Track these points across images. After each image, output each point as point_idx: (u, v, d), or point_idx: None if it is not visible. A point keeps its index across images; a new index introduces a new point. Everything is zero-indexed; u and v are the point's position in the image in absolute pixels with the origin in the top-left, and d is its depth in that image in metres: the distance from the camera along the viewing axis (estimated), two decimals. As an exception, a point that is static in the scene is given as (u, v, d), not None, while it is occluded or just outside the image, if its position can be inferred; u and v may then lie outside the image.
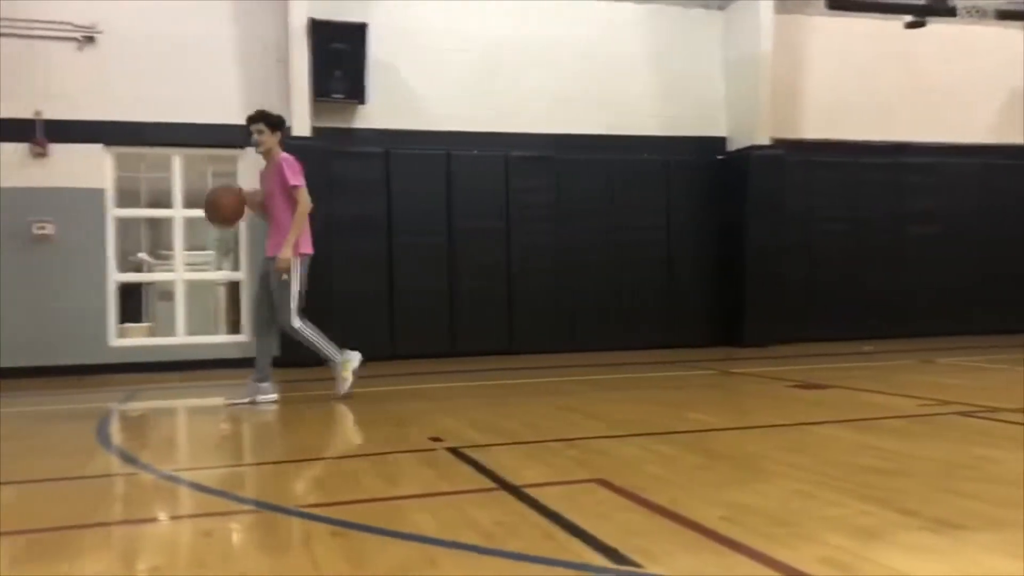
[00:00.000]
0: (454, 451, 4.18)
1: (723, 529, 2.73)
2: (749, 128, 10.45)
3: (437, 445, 4.35)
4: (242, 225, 9.57)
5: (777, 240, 10.45)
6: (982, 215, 11.23)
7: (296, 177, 6.10)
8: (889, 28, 10.28)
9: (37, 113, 8.79)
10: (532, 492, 3.27)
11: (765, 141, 10.39)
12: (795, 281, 10.65)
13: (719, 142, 10.78)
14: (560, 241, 10.09)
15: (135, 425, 5.36)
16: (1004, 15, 9.66)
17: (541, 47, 10.12)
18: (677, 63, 10.58)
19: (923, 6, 9.16)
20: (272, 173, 6.21)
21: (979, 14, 9.55)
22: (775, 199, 10.45)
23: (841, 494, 3.21)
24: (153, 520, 3.25)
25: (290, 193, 6.12)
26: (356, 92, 9.33)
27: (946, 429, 4.75)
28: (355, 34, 9.21)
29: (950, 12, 9.26)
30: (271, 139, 6.22)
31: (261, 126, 6.19)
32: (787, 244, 10.58)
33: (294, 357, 8.70)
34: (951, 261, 11.09)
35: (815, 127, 10.94)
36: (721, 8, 10.73)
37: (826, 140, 10.94)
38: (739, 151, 10.52)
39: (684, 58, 10.62)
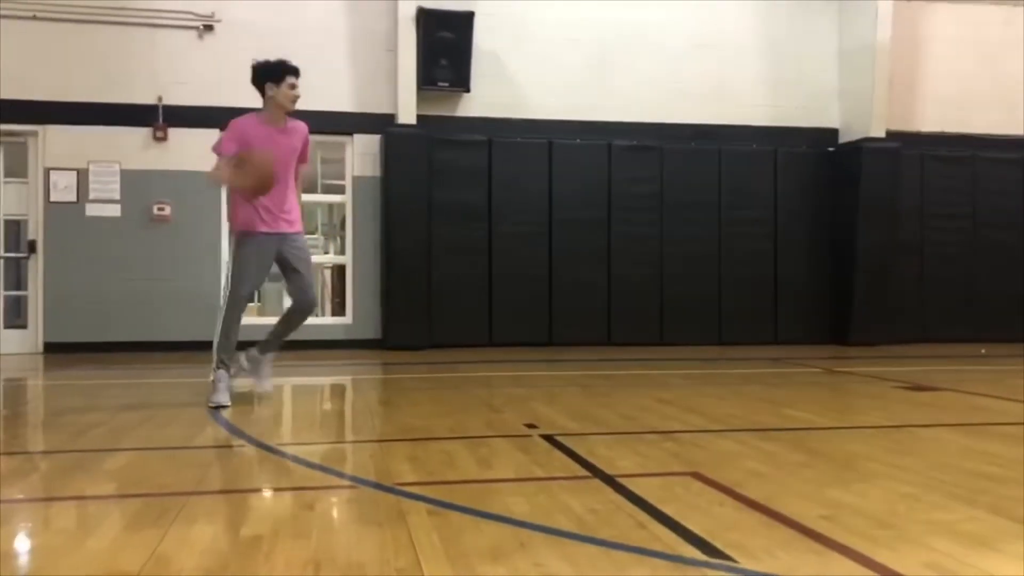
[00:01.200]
0: (549, 438, 4.21)
1: (822, 528, 2.67)
2: (863, 119, 10.09)
3: (532, 432, 4.38)
4: (348, 208, 9.82)
5: (889, 236, 10.08)
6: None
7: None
8: (1017, 15, 9.77)
9: (159, 99, 9.20)
10: (626, 482, 3.26)
11: (880, 133, 10.02)
12: (907, 279, 10.25)
13: (831, 134, 10.45)
14: (664, 232, 9.98)
15: (243, 401, 5.57)
16: None
17: (650, 36, 10.01)
18: (790, 52, 10.30)
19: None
20: (293, 136, 5.42)
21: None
22: (888, 193, 10.07)
23: (948, 498, 3.09)
24: (258, 491, 3.39)
25: (298, 165, 5.49)
26: (461, 81, 9.43)
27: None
28: (462, 23, 9.30)
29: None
30: None
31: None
32: (900, 240, 10.20)
33: (398, 340, 8.91)
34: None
35: (933, 119, 10.49)
36: (836, -3, 10.40)
37: (945, 133, 10.48)
38: (851, 143, 10.18)
39: (797, 47, 10.33)
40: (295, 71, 5.32)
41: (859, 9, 10.12)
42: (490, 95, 9.68)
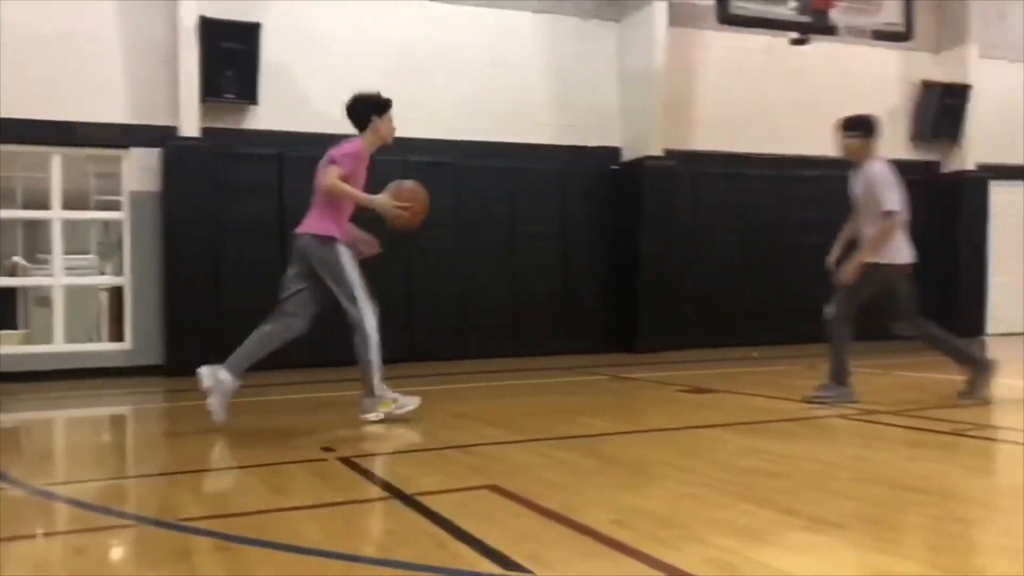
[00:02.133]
0: (346, 461, 4.11)
1: (613, 533, 2.76)
2: (643, 139, 10.65)
3: (329, 455, 4.26)
4: (126, 226, 9.21)
5: (669, 249, 10.67)
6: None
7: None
8: (777, 44, 10.64)
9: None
10: (425, 500, 3.23)
11: (658, 152, 10.60)
12: (686, 289, 10.89)
13: (615, 152, 10.95)
14: (460, 248, 10.06)
15: (6, 438, 5.06)
16: (879, 35, 10.15)
17: (441, 53, 10.08)
18: (574, 73, 10.70)
19: (807, 24, 9.53)
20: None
21: (859, 34, 9.99)
22: (667, 209, 10.67)
23: (727, 496, 3.29)
24: (20, 538, 3.07)
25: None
26: (248, 92, 9.10)
27: (827, 431, 4.94)
28: (248, 33, 8.98)
29: (832, 31, 9.67)
30: None
31: None
32: (679, 253, 10.82)
33: (183, 366, 8.42)
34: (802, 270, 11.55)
35: (706, 139, 11.23)
36: (616, 20, 10.91)
37: (717, 152, 11.24)
38: (632, 161, 10.71)
39: (581, 68, 10.75)
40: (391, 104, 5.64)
41: (637, 34, 10.69)
42: (281, 108, 9.40)
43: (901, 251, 5.64)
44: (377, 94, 5.64)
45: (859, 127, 5.93)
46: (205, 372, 5.09)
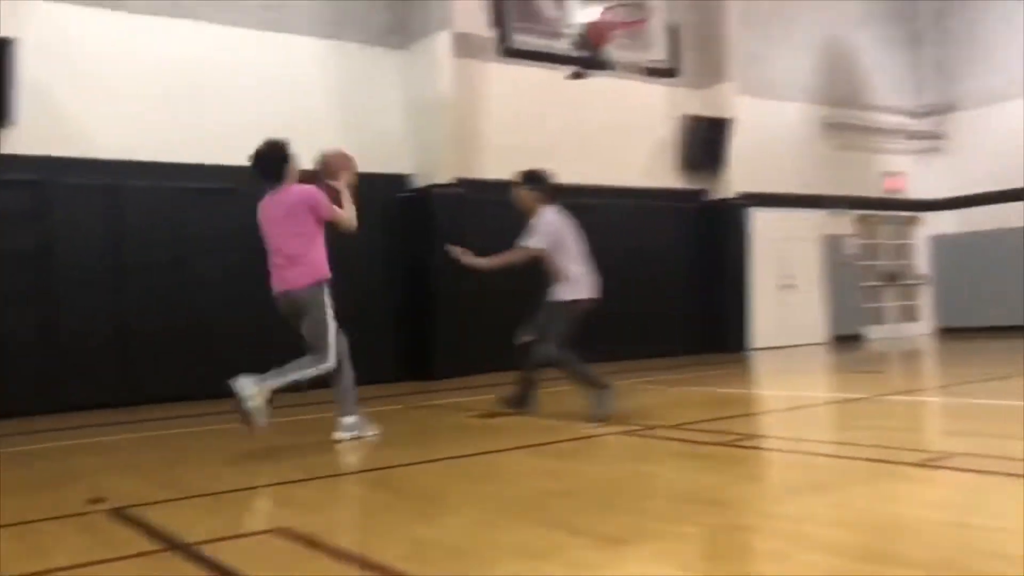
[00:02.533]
0: (118, 512, 3.79)
1: (406, 567, 2.70)
2: (432, 167, 10.74)
3: (98, 507, 3.91)
4: None
5: (462, 275, 10.75)
6: (636, 252, 12.38)
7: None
8: (557, 78, 11.10)
9: None
10: (205, 550, 3.03)
11: (447, 180, 10.72)
12: (480, 314, 11.02)
13: (404, 180, 10.95)
14: (246, 273, 9.63)
15: None
16: (650, 72, 10.83)
17: (219, 75, 9.69)
18: (359, 99, 10.62)
19: (585, 59, 10.00)
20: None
21: (631, 69, 10.61)
22: (457, 235, 10.76)
23: (519, 520, 3.32)
24: None
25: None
26: (1, 114, 8.34)
27: (614, 448, 5.13)
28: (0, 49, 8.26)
29: (606, 66, 10.19)
30: None
31: None
32: (471, 278, 10.91)
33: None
34: (607, 294, 12.07)
35: (494, 167, 11.46)
36: (402, 48, 10.95)
37: (503, 181, 11.47)
38: (422, 189, 10.76)
39: (366, 95, 10.69)
40: None
41: (423, 62, 10.78)
42: (41, 131, 8.68)
43: (581, 289, 6.61)
44: (284, 142, 5.89)
45: (531, 180, 6.82)
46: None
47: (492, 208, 11.37)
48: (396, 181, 10.87)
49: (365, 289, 10.49)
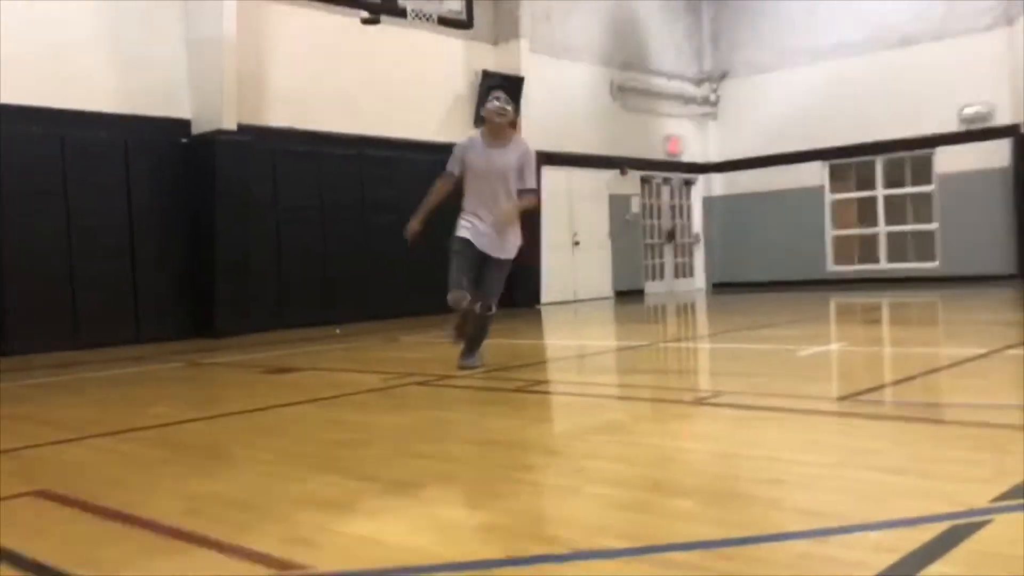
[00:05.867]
0: None
1: (184, 524, 2.54)
2: (214, 112, 10.10)
3: None
4: None
5: (246, 228, 10.31)
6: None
7: None
8: (351, 24, 10.74)
9: None
10: (-52, 517, 2.71)
11: (231, 127, 10.15)
12: (267, 269, 10.62)
13: (184, 125, 10.27)
14: (8, 229, 8.72)
15: None
16: (444, 22, 10.72)
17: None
18: (136, 39, 9.79)
19: (375, 4, 9.72)
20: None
21: (425, 19, 10.45)
22: (242, 186, 10.28)
23: (307, 470, 3.21)
24: None
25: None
26: None
27: (408, 398, 5.09)
28: None
29: (400, 12, 9.97)
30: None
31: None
32: (257, 232, 10.50)
33: None
34: (401, 250, 11.98)
35: (282, 115, 10.99)
36: (181, -16, 10.21)
37: (293, 129, 11.06)
38: (204, 135, 10.13)
39: (143, 34, 9.88)
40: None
41: (204, 2, 10.09)
42: None
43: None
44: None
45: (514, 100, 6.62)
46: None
47: (282, 158, 10.94)
48: (176, 126, 10.16)
49: (144, 241, 9.80)
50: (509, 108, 5.78)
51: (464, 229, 5.83)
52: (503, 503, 2.70)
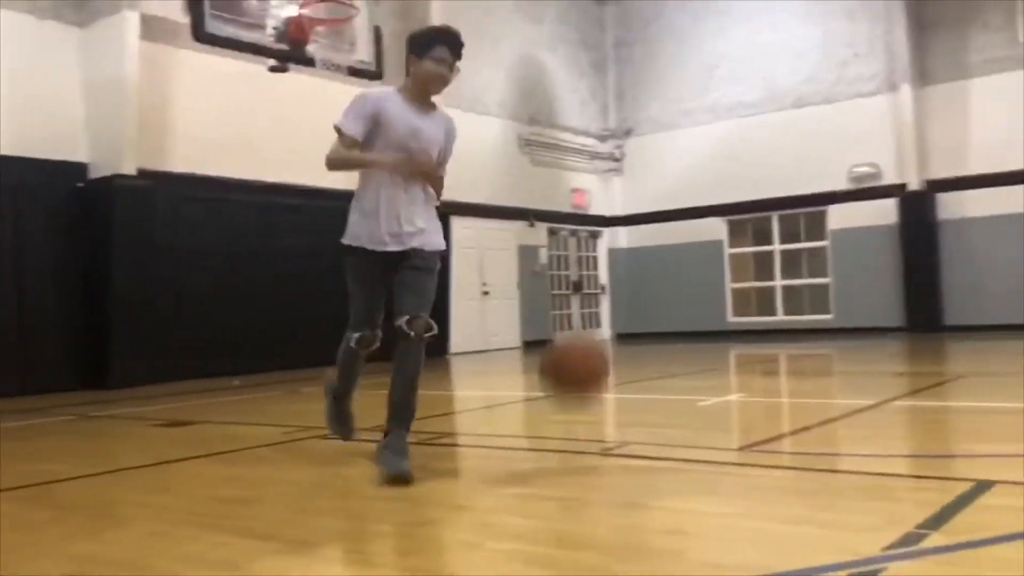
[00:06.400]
0: None
1: (63, 589, 2.39)
2: (113, 156, 9.83)
3: None
4: None
5: (145, 276, 9.99)
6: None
7: None
8: (258, 70, 10.64)
9: None
10: None
11: (131, 171, 9.88)
12: (166, 318, 10.28)
13: (80, 168, 9.94)
14: None
15: None
16: (354, 72, 10.73)
17: None
18: (27, 77, 9.48)
19: (286, 52, 9.68)
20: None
21: (335, 68, 10.44)
22: (142, 232, 9.98)
23: (200, 529, 3.08)
24: None
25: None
26: None
27: (308, 453, 4.95)
28: None
29: (309, 62, 9.95)
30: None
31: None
32: (157, 280, 10.18)
33: None
34: (317, 297, 11.80)
35: (185, 160, 10.76)
36: (80, 26, 9.96)
37: (196, 175, 10.83)
38: (102, 179, 9.83)
39: (37, 73, 9.58)
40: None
41: (104, 43, 9.85)
42: None
43: None
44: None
45: None
46: None
47: (185, 204, 10.68)
48: (72, 169, 9.83)
49: (34, 288, 9.38)
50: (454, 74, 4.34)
51: (364, 234, 4.04)
52: (406, 560, 2.63)
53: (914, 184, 14.32)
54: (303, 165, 11.93)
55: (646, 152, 17.27)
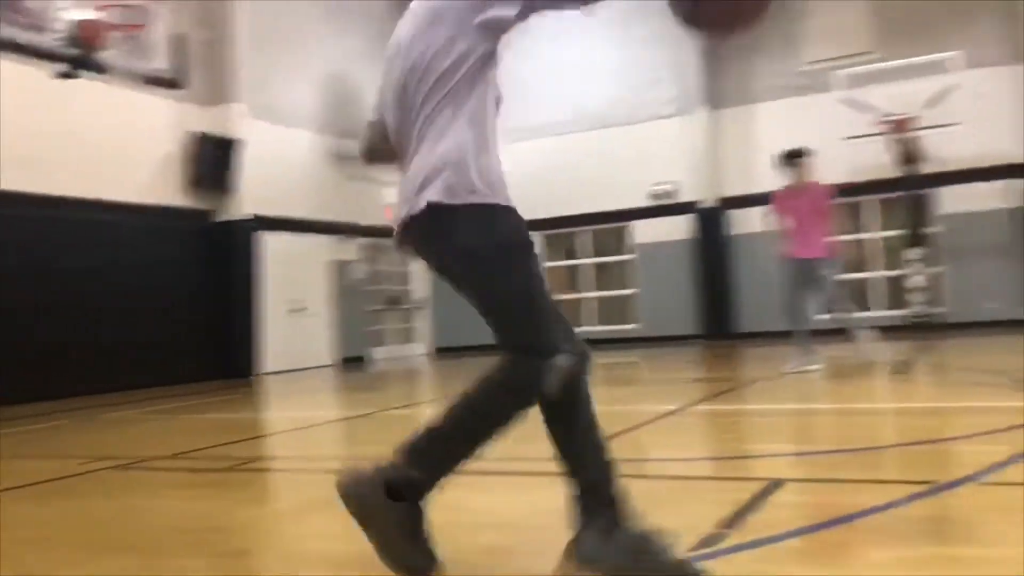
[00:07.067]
0: None
1: None
2: None
3: None
4: None
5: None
6: (139, 273, 11.55)
7: None
8: (43, 77, 9.88)
9: None
10: None
11: None
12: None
13: None
14: None
15: None
16: (152, 81, 10.18)
17: None
18: None
19: (75, 58, 9.04)
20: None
21: (131, 77, 9.86)
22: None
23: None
24: None
25: None
26: None
27: (104, 485, 4.62)
28: None
29: (100, 69, 9.34)
30: None
31: None
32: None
33: None
34: (108, 316, 11.08)
35: (9, 178, 9.88)
36: None
37: (23, 192, 9.99)
38: None
39: None
40: None
41: None
42: None
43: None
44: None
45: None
46: None
47: (3, 221, 9.82)
48: None
49: None
50: None
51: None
52: (211, 596, 2.50)
53: (709, 201, 15.28)
54: (96, 177, 11.22)
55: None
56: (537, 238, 16.58)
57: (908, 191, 13.49)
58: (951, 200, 13.66)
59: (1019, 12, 13.12)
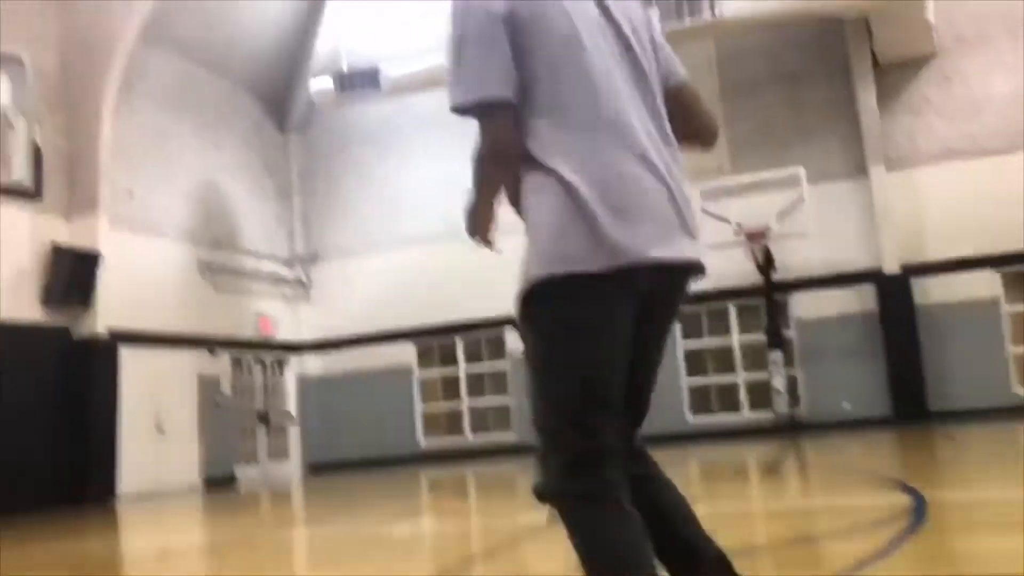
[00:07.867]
0: None
1: None
2: None
3: None
4: None
5: None
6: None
7: None
8: None
9: None
10: None
11: None
12: None
13: None
14: None
15: None
16: (5, 191, 9.80)
17: None
18: None
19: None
20: None
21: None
22: None
23: None
24: None
25: None
26: None
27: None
28: None
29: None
30: None
31: None
32: None
33: None
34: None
35: None
36: None
37: None
38: None
39: None
40: None
41: None
42: None
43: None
44: None
45: None
46: None
47: None
48: None
49: None
50: None
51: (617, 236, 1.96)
52: None
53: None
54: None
55: (334, 278, 17.30)
56: (409, 348, 16.59)
57: (765, 297, 14.19)
58: (804, 305, 14.42)
59: (858, 130, 14.30)
